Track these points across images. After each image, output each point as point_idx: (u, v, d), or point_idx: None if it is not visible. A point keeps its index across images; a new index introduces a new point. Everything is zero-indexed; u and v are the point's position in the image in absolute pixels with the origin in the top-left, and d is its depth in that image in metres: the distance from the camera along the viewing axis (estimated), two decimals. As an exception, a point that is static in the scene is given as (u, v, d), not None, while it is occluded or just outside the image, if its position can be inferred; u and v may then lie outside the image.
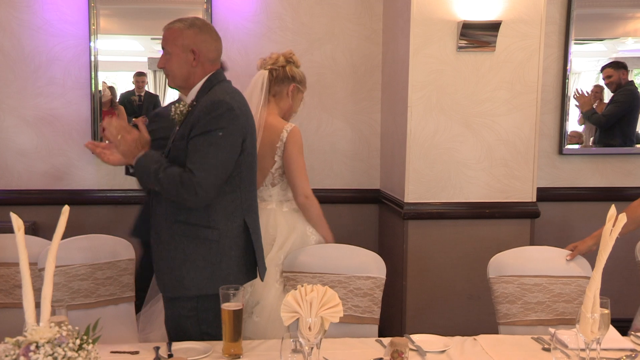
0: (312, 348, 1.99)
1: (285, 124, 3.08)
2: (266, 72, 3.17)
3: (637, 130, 4.45)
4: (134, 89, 4.21)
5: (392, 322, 3.95)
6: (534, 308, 2.84)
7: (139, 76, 4.20)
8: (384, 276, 2.84)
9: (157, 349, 2.25)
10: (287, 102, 3.17)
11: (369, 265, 2.85)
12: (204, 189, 2.40)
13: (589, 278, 2.89)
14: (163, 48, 2.58)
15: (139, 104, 4.20)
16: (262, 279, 2.72)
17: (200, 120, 2.45)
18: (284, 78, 3.15)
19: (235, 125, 2.48)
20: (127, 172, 2.56)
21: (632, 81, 4.36)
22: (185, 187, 2.40)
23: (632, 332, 2.52)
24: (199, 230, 2.51)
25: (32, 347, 1.49)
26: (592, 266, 2.92)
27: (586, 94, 4.36)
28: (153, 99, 4.23)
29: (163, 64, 2.59)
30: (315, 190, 4.30)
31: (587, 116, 4.38)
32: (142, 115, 4.14)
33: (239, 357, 2.20)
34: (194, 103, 2.54)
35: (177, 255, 2.52)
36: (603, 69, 4.37)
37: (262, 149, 3.02)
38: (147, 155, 2.50)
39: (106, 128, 2.53)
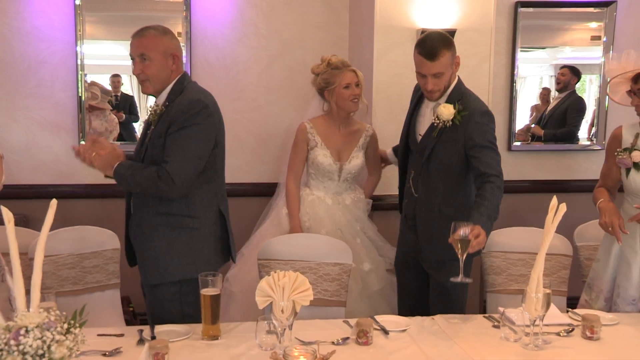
0: (284, 329, 1.99)
1: None
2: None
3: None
4: (111, 90, 4.16)
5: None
6: (516, 279, 2.97)
7: (115, 77, 4.14)
8: (350, 262, 2.85)
9: (140, 331, 2.22)
10: (330, 106, 3.29)
11: (337, 252, 2.87)
12: (181, 178, 2.41)
13: (567, 256, 2.98)
14: (141, 55, 2.51)
15: (116, 103, 4.15)
16: (234, 261, 2.80)
17: (178, 118, 2.45)
18: (319, 92, 3.31)
19: (209, 122, 2.50)
20: (106, 176, 2.55)
21: (575, 90, 4.44)
22: (163, 179, 2.40)
23: (570, 309, 2.57)
24: (182, 219, 2.52)
25: (22, 332, 1.46)
26: (573, 246, 3.02)
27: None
28: (129, 99, 4.18)
29: (141, 70, 2.52)
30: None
31: (553, 131, 4.45)
32: (120, 112, 4.15)
33: (217, 339, 2.19)
34: (167, 103, 2.52)
35: (160, 245, 2.51)
36: (562, 67, 4.41)
37: None
38: (122, 164, 2.49)
39: (80, 151, 2.54)
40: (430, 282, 2.95)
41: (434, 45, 2.71)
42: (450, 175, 2.82)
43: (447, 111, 2.74)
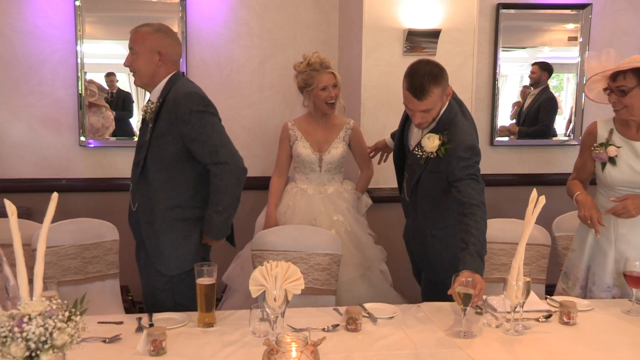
0: (277, 317, 2.00)
1: None
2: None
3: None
4: (107, 88, 4.15)
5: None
6: (498, 268, 2.98)
7: (109, 76, 4.11)
8: (340, 253, 2.86)
9: (139, 319, 2.22)
10: (309, 104, 3.30)
11: (327, 243, 2.87)
12: (233, 155, 2.47)
13: (546, 245, 2.99)
14: (131, 48, 2.56)
15: (111, 100, 4.14)
16: (235, 246, 2.77)
17: (183, 114, 2.45)
18: (299, 89, 3.30)
19: (213, 108, 2.53)
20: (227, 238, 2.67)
21: (547, 86, 4.46)
22: (222, 174, 2.44)
23: (548, 296, 2.59)
24: (193, 210, 2.55)
25: (25, 319, 1.46)
26: (552, 236, 3.03)
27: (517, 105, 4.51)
28: (124, 95, 4.15)
29: (130, 63, 2.57)
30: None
31: (526, 129, 4.48)
32: (114, 109, 4.14)
33: (213, 326, 2.19)
34: (160, 100, 2.52)
35: (177, 237, 2.52)
36: (533, 64, 4.44)
37: None
38: (216, 233, 2.54)
39: None
40: (422, 275, 2.94)
41: (422, 84, 2.48)
42: (437, 203, 2.74)
43: (431, 143, 2.61)
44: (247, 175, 2.55)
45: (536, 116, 4.48)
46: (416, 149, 2.70)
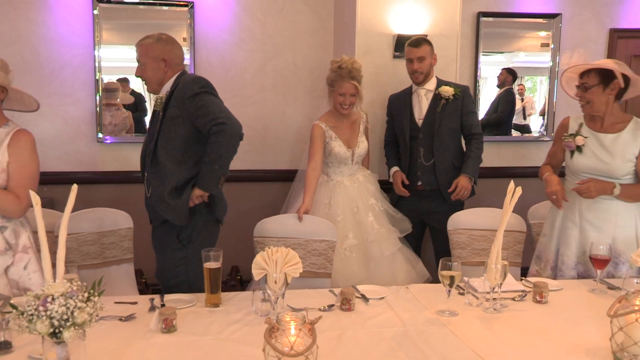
0: (277, 298, 2.00)
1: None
2: None
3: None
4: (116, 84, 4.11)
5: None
6: (479, 253, 3.00)
7: (122, 82, 4.08)
8: (335, 239, 2.86)
9: (152, 300, 2.22)
10: (330, 102, 3.32)
11: (323, 230, 2.87)
12: (229, 117, 2.49)
13: (522, 232, 3.01)
14: (138, 60, 2.59)
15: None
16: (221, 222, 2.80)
17: (189, 95, 2.48)
18: (327, 83, 3.32)
19: (214, 90, 2.56)
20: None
21: (511, 88, 4.47)
22: (220, 132, 2.44)
23: (523, 278, 2.60)
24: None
25: (49, 299, 1.46)
26: (527, 224, 3.05)
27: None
28: (136, 96, 4.13)
29: (140, 73, 2.62)
30: (280, 170, 4.30)
31: (488, 116, 4.50)
32: (128, 109, 4.12)
33: (218, 306, 2.19)
34: (169, 92, 2.55)
35: (200, 219, 2.67)
36: (503, 68, 4.46)
37: None
38: (202, 183, 2.53)
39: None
40: (430, 229, 3.53)
41: (418, 39, 3.38)
42: (457, 136, 3.44)
43: (448, 89, 3.37)
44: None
45: (497, 108, 4.51)
46: (440, 93, 3.37)
